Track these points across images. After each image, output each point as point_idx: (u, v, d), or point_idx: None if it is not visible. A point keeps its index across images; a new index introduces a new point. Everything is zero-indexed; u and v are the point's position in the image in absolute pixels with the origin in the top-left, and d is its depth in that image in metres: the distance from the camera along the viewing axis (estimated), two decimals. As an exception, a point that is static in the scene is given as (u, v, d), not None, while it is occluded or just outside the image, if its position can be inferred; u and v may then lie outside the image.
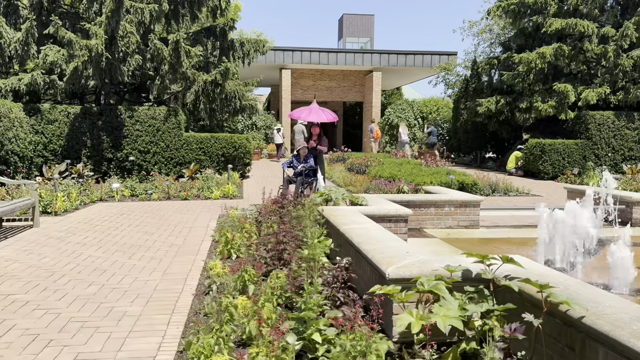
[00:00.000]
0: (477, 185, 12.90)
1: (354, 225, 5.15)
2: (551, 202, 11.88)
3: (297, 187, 9.84)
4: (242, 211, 9.08)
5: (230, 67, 15.66)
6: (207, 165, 15.34)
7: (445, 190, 8.77)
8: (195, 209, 10.20)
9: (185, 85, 16.04)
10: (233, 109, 18.71)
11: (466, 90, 24.30)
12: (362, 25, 74.20)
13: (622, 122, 17.20)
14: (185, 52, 15.08)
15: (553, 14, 18.79)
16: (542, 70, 18.56)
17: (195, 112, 17.04)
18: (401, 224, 6.51)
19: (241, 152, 15.67)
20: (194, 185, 13.01)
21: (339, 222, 5.41)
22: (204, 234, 7.58)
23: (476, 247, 6.95)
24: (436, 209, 8.09)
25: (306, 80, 30.04)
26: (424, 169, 15.10)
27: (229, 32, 18.27)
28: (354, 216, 5.80)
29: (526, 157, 17.74)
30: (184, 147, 15.26)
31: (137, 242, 6.94)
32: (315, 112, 10.16)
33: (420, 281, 3.23)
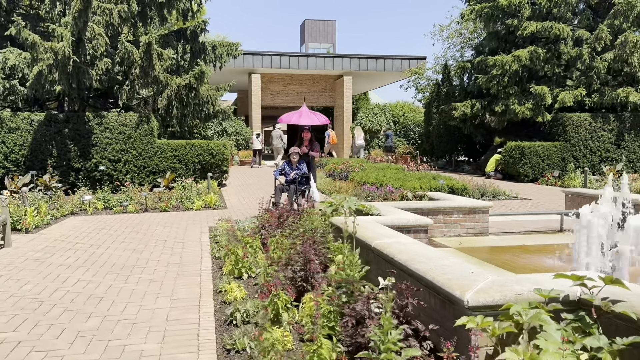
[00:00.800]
0: (467, 190, 12.59)
1: (386, 240, 4.64)
2: (544, 205, 11.67)
3: (290, 195, 9.26)
4: (235, 224, 8.45)
5: (205, 70, 14.96)
6: (183, 174, 14.57)
7: (450, 196, 8.36)
8: (179, 221, 9.49)
9: (157, 90, 15.24)
10: (205, 114, 17.96)
11: (438, 94, 24.22)
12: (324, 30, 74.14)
13: (598, 124, 17.29)
14: (158, 54, 14.31)
15: (527, 17, 18.81)
16: (517, 73, 18.54)
17: (167, 118, 16.23)
18: (421, 234, 6.03)
19: (218, 159, 14.97)
20: (172, 196, 12.25)
21: (367, 235, 4.89)
22: (200, 249, 6.92)
23: (495, 256, 6.54)
24: (444, 217, 7.66)
25: (276, 85, 29.44)
26: (408, 173, 14.74)
27: (200, 35, 17.56)
28: (377, 228, 5.29)
29: (505, 160, 17.63)
30: (158, 155, 14.45)
31: (128, 262, 6.23)
32: (306, 115, 9.62)
33: (517, 310, 2.74)
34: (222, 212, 10.60)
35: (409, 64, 28.70)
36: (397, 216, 6.15)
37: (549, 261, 6.25)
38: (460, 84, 23.61)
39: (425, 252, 4.09)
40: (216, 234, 7.81)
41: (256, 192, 14.19)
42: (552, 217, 9.13)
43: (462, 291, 3.08)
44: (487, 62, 18.93)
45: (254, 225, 7.43)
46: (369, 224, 5.55)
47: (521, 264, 6.13)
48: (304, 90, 29.89)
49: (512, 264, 6.10)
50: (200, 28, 17.39)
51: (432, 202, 7.78)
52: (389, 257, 4.21)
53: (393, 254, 4.16)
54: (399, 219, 5.98)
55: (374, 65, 28.23)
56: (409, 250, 4.19)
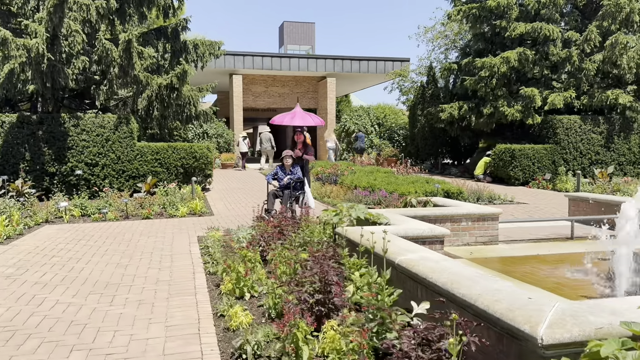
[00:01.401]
0: (463, 194, 12.17)
1: (411, 256, 4.12)
2: (542, 209, 11.30)
3: (284, 201, 8.69)
4: (226, 233, 7.84)
5: (188, 69, 14.30)
6: (165, 179, 13.88)
7: (454, 202, 7.89)
8: (164, 230, 8.85)
9: (137, 90, 14.52)
10: (187, 116, 17.26)
11: (423, 96, 23.87)
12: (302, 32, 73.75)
13: (588, 126, 17.09)
14: (138, 53, 13.62)
15: (515, 18, 18.56)
16: (505, 75, 18.26)
17: (147, 120, 15.51)
18: (437, 245, 5.54)
19: (202, 162, 14.31)
20: (154, 202, 11.57)
21: (389, 250, 4.36)
22: (191, 263, 6.31)
23: (511, 268, 6.07)
24: (452, 224, 7.19)
25: (258, 87, 28.81)
26: (399, 177, 14.28)
27: (181, 33, 16.88)
28: (395, 241, 4.77)
29: (495, 163, 17.31)
30: (138, 158, 13.74)
31: (112, 279, 5.60)
32: (300, 116, 9.07)
33: (613, 354, 2.23)
34: (208, 220, 9.97)
35: (392, 66, 28.35)
36: (409, 226, 5.64)
37: (573, 274, 5.80)
38: (446, 86, 23.31)
39: (463, 272, 3.57)
40: (207, 245, 7.20)
41: (242, 197, 13.57)
42: (559, 223, 8.74)
43: (531, 325, 2.56)
44: (475, 63, 18.62)
45: (250, 236, 6.85)
46: (381, 236, 5.02)
47: (542, 277, 5.67)
48: (286, 92, 29.32)
49: (532, 277, 5.63)
50: (181, 26, 16.71)
51: (439, 208, 7.30)
52: (420, 277, 3.68)
53: (425, 273, 3.63)
54: (412, 229, 5.47)
55: (358, 66, 27.81)
56: (443, 268, 3.67)
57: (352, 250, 5.00)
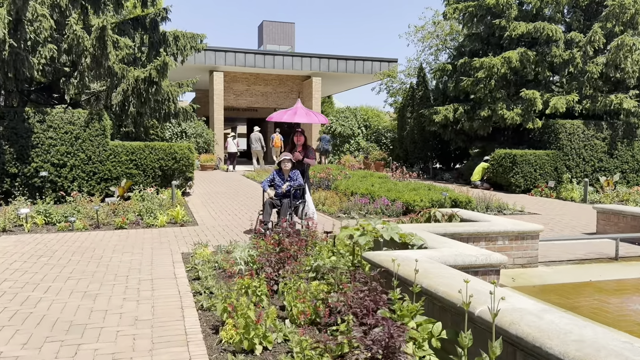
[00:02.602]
0: (472, 204, 11.16)
1: (503, 306, 2.98)
2: (559, 221, 10.32)
3: (283, 212, 7.50)
4: (214, 250, 6.63)
5: (168, 61, 12.98)
6: (141, 182, 12.56)
7: (484, 216, 6.81)
8: (141, 244, 7.58)
9: (111, 84, 13.16)
10: (165, 113, 15.94)
11: (412, 98, 22.92)
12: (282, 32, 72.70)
13: (591, 132, 16.28)
14: (113, 42, 12.28)
15: (514, 18, 17.70)
16: (504, 77, 17.38)
17: (122, 117, 14.13)
18: (492, 276, 4.43)
19: (183, 164, 13.02)
20: (129, 208, 10.27)
21: (451, 292, 3.23)
22: (177, 292, 5.08)
23: (570, 300, 5.01)
24: (487, 244, 6.10)
25: (239, 85, 27.50)
26: (398, 183, 13.23)
27: (161, 24, 15.57)
28: (448, 274, 3.64)
29: (494, 169, 16.37)
30: (111, 159, 12.39)
31: (77, 317, 4.35)
32: (302, 113, 7.89)
33: None
34: (192, 231, 8.73)
35: (379, 67, 27.36)
36: (456, 250, 4.52)
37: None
38: (437, 88, 22.38)
39: (605, 340, 2.45)
40: (195, 265, 5.98)
41: (227, 202, 12.33)
42: (593, 240, 7.74)
43: None
44: (473, 64, 17.68)
45: (249, 257, 5.65)
46: (432, 267, 3.89)
47: (615, 314, 4.61)
48: (269, 91, 28.09)
49: (605, 315, 4.57)
50: (160, 16, 15.43)
51: (471, 225, 6.20)
52: (526, 344, 2.55)
53: (536, 339, 2.50)
54: (462, 256, 4.35)
55: (344, 66, 26.75)
56: (559, 331, 2.54)
57: (387, 280, 3.85)
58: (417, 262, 3.72)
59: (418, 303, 3.30)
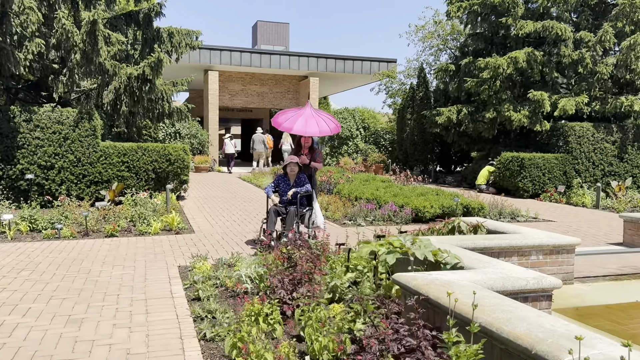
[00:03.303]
0: (484, 210, 10.58)
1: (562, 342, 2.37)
2: (576, 229, 9.75)
3: (289, 221, 6.86)
4: (214, 263, 6.00)
5: (163, 58, 12.32)
6: (133, 185, 11.89)
7: (512, 227, 6.21)
8: (134, 254, 6.92)
9: (103, 81, 12.49)
10: (159, 113, 15.27)
11: (412, 99, 22.36)
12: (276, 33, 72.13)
13: (601, 135, 15.75)
14: (104, 37, 11.61)
15: (520, 16, 17.16)
16: (510, 77, 16.84)
17: (113, 116, 13.45)
18: (543, 302, 3.82)
19: (177, 166, 12.36)
20: (120, 214, 9.61)
21: (517, 332, 2.61)
22: (175, 317, 4.44)
23: (629, 326, 4.41)
24: (520, 258, 5.51)
25: (235, 85, 26.83)
26: (403, 187, 12.62)
27: (154, 20, 14.91)
28: (508, 305, 3.03)
29: (501, 173, 15.81)
30: (102, 160, 11.71)
31: (58, 350, 3.71)
32: (315, 122, 7.22)
33: None
34: (189, 239, 8.08)
35: (378, 67, 26.79)
36: (501, 272, 3.90)
37: None
38: (438, 88, 21.84)
39: None
40: (194, 283, 5.35)
41: (224, 207, 11.68)
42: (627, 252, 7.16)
43: None
44: (478, 64, 17.12)
45: (257, 274, 5.01)
46: (485, 296, 3.28)
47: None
48: (265, 91, 27.44)
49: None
50: (154, 11, 14.76)
51: (501, 237, 5.59)
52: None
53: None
54: (510, 279, 3.73)
55: (342, 66, 26.15)
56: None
57: (427, 309, 3.23)
58: (474, 293, 3.11)
59: (477, 346, 2.68)
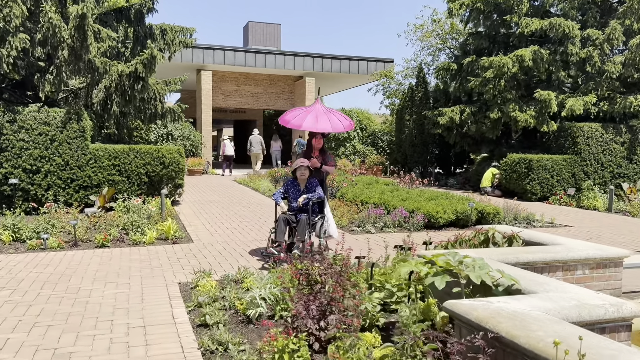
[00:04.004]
0: (499, 215, 10.00)
1: None
2: (598, 235, 9.18)
3: (301, 231, 6.22)
4: (220, 280, 5.35)
5: (156, 54, 11.62)
6: (125, 189, 11.19)
7: (551, 237, 5.61)
8: (128, 269, 6.25)
9: (92, 80, 11.78)
10: (152, 113, 14.58)
11: (411, 100, 21.80)
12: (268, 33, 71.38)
13: (610, 135, 15.25)
14: (94, 32, 10.91)
15: (525, 14, 16.65)
16: (515, 76, 16.31)
17: (103, 117, 12.73)
18: (622, 333, 3.22)
19: (172, 170, 11.67)
20: (112, 221, 8.91)
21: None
22: (180, 348, 3.78)
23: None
24: (565, 274, 4.91)
25: (228, 85, 26.14)
26: (410, 191, 12.03)
27: (147, 16, 14.25)
28: (610, 348, 2.41)
29: (507, 175, 15.25)
30: (91, 164, 11.00)
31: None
32: (324, 121, 6.59)
33: None
34: (187, 249, 7.41)
35: (375, 67, 26.23)
36: (571, 298, 3.28)
37: None
38: (438, 88, 21.30)
39: None
40: (198, 305, 4.69)
41: (223, 212, 11.01)
42: None
43: None
44: (482, 63, 16.56)
45: (272, 296, 4.37)
46: (568, 332, 2.66)
47: None
48: (259, 92, 26.77)
49: None
50: (147, 7, 14.13)
51: (542, 250, 4.99)
52: None
53: None
54: (586, 308, 3.12)
55: (339, 66, 25.57)
56: None
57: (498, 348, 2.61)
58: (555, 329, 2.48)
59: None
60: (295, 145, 24.01)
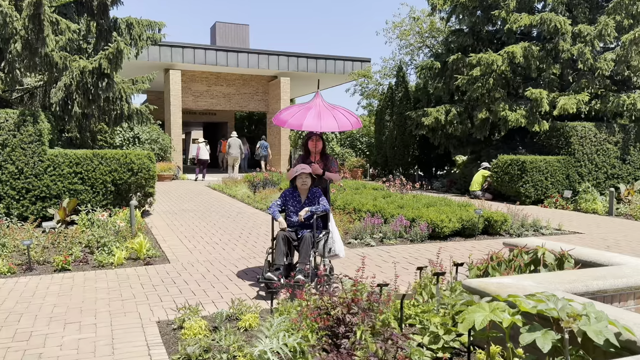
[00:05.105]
0: (507, 223, 9.15)
1: None
2: (612, 242, 8.41)
3: (304, 251, 5.18)
4: (211, 321, 4.28)
5: (123, 48, 10.42)
6: (88, 200, 9.95)
7: (608, 256, 4.72)
8: (93, 301, 5.11)
9: (51, 77, 10.52)
10: (117, 114, 13.33)
11: (391, 100, 21.00)
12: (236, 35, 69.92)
13: (603, 135, 14.66)
14: (52, 22, 9.67)
15: (513, 9, 15.97)
16: (503, 74, 15.60)
17: (64, 118, 11.44)
18: None
19: (141, 177, 10.47)
20: (74, 238, 7.71)
21: None
22: None
23: None
24: (636, 302, 4.02)
25: (199, 85, 24.88)
26: (404, 196, 11.12)
27: (111, 8, 12.98)
28: None
29: (499, 177, 14.50)
30: (49, 171, 9.73)
31: None
32: (328, 117, 5.57)
33: None
34: (164, 273, 6.30)
35: (352, 66, 25.36)
36: None
37: None
38: (419, 87, 20.53)
39: None
40: (188, 358, 3.62)
41: (200, 224, 9.87)
42: None
43: None
44: (469, 60, 15.81)
45: (289, 348, 3.32)
46: None
47: None
48: (232, 92, 25.58)
49: None
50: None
51: (608, 273, 4.07)
52: None
53: None
54: None
55: (314, 65, 24.60)
56: None
57: None
58: None
59: None
60: (259, 148, 23.15)
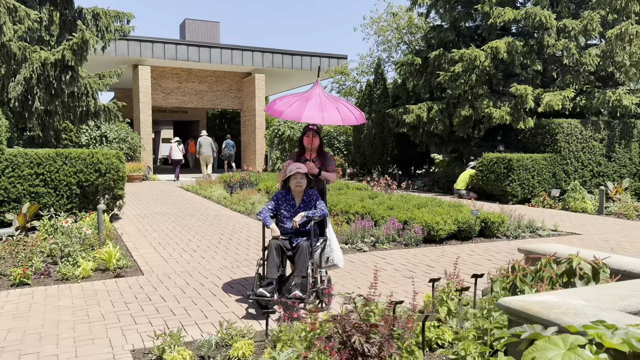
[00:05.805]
0: (504, 224, 8.65)
1: None
2: (615, 245, 7.99)
3: (301, 263, 4.53)
4: (190, 338, 3.58)
5: (88, 38, 9.57)
6: (51, 204, 9.09)
7: (637, 263, 4.20)
8: (55, 324, 4.37)
9: (8, 69, 9.62)
10: (83, 111, 12.50)
11: (370, 97, 20.49)
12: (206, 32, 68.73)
13: (589, 132, 14.37)
14: (9, 9, 8.78)
15: (495, 3, 15.58)
16: (486, 70, 15.19)
17: (24, 114, 10.52)
18: None
19: (110, 178, 9.64)
20: (34, 247, 6.89)
21: None
22: None
23: None
24: (694, 322, 3.47)
25: (169, 82, 23.93)
26: (392, 196, 10.56)
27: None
28: None
29: (484, 176, 14.08)
30: (7, 173, 8.84)
31: None
32: (331, 109, 4.92)
33: None
34: (136, 287, 5.56)
35: (328, 63, 24.79)
36: None
37: None
38: (398, 84, 20.07)
39: None
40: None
41: (174, 229, 9.11)
42: None
43: None
44: (452, 56, 15.37)
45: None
46: None
47: None
48: (204, 89, 24.71)
49: None
50: (75, -14, 12.02)
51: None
52: None
53: None
54: None
55: (290, 62, 23.92)
56: None
57: None
58: None
59: None
60: (225, 148, 22.33)
